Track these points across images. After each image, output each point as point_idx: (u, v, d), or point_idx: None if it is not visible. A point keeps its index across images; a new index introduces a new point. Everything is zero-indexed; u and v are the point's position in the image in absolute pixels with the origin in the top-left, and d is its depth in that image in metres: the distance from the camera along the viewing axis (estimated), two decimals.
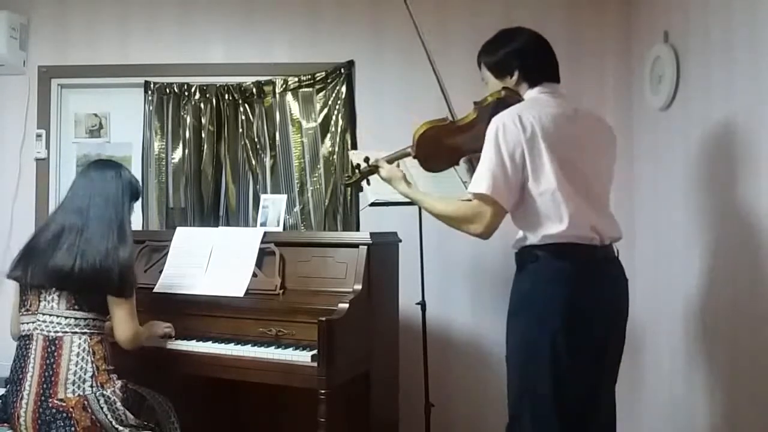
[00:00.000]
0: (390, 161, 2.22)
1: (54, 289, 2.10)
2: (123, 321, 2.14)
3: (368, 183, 2.32)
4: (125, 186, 2.27)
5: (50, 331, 2.07)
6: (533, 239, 1.87)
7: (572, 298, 1.81)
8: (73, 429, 1.99)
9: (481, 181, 1.84)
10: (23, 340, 2.11)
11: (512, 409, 1.93)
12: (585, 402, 1.87)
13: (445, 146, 2.11)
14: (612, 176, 2.03)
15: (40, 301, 2.11)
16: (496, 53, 2.04)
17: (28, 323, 2.11)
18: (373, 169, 2.24)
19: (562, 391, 1.81)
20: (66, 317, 2.08)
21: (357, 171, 2.30)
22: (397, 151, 2.22)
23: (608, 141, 2.03)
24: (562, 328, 1.80)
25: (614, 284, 1.95)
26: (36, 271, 2.10)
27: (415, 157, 2.13)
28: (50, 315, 2.08)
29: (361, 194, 3.27)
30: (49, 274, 2.08)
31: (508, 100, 1.98)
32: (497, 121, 1.86)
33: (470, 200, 1.90)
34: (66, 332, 2.08)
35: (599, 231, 1.87)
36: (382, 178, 2.22)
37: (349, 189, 3.34)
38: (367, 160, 2.26)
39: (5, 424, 2.09)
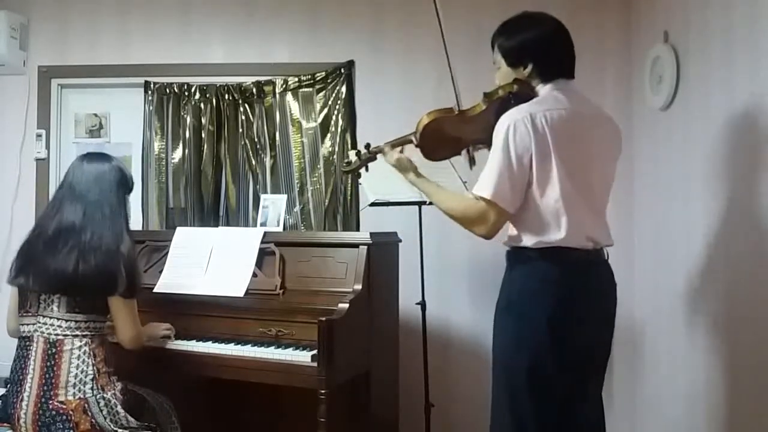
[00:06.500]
0: (392, 147, 2.13)
1: (57, 294, 2.07)
2: (127, 321, 2.13)
3: (366, 170, 2.23)
4: (120, 179, 2.22)
5: (51, 334, 2.06)
6: (528, 242, 1.84)
7: (561, 302, 1.80)
8: None
9: (487, 184, 1.81)
10: (23, 342, 2.10)
11: (494, 409, 1.92)
12: (567, 405, 1.87)
13: (449, 136, 2.03)
14: (614, 179, 2.00)
15: (39, 303, 2.09)
16: (513, 38, 1.92)
17: (28, 325, 2.10)
18: (374, 155, 2.16)
19: (543, 391, 1.81)
20: (66, 320, 2.06)
21: (357, 157, 2.22)
22: (398, 137, 2.12)
23: (616, 142, 1.99)
24: (548, 330, 1.78)
25: (603, 288, 1.93)
26: (38, 277, 2.06)
27: (417, 146, 2.06)
28: (51, 317, 2.07)
29: (361, 194, 3.27)
30: (51, 279, 2.04)
31: (519, 95, 1.89)
32: (508, 120, 1.80)
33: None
34: (67, 335, 2.06)
35: (594, 239, 1.86)
36: (390, 164, 2.12)
37: (349, 190, 3.33)
38: (368, 146, 2.18)
39: (6, 424, 2.09)
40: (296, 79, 3.41)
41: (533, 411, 1.81)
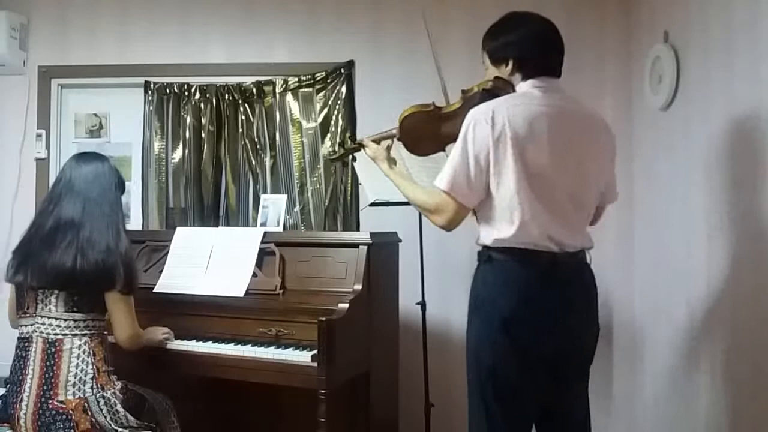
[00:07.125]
0: (376, 141, 2.22)
1: (54, 291, 2.07)
2: (124, 319, 2.14)
3: (354, 159, 2.39)
4: (115, 178, 2.25)
5: (49, 334, 2.06)
6: (487, 240, 1.84)
7: (520, 303, 1.77)
8: (72, 431, 1.98)
9: (445, 177, 1.83)
10: (22, 342, 2.10)
11: (470, 406, 1.91)
12: (538, 410, 1.87)
13: (428, 131, 2.09)
14: (603, 179, 1.94)
15: (37, 303, 2.09)
16: (496, 39, 1.95)
17: (26, 325, 2.10)
18: (358, 147, 2.26)
19: (508, 392, 1.81)
20: (65, 319, 2.07)
21: (342, 147, 2.41)
22: (383, 131, 2.22)
23: (603, 140, 1.93)
24: (505, 331, 1.77)
25: (576, 292, 1.86)
26: (36, 273, 2.06)
27: (399, 140, 2.14)
28: (49, 317, 2.07)
29: (361, 194, 3.27)
30: (49, 274, 2.05)
31: (494, 91, 1.90)
32: (471, 116, 1.81)
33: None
34: (66, 334, 2.06)
35: (557, 239, 1.80)
36: (369, 156, 2.23)
37: (349, 190, 3.34)
38: (352, 138, 2.30)
39: (5, 424, 2.09)
40: (296, 79, 3.41)
41: (500, 411, 1.82)
